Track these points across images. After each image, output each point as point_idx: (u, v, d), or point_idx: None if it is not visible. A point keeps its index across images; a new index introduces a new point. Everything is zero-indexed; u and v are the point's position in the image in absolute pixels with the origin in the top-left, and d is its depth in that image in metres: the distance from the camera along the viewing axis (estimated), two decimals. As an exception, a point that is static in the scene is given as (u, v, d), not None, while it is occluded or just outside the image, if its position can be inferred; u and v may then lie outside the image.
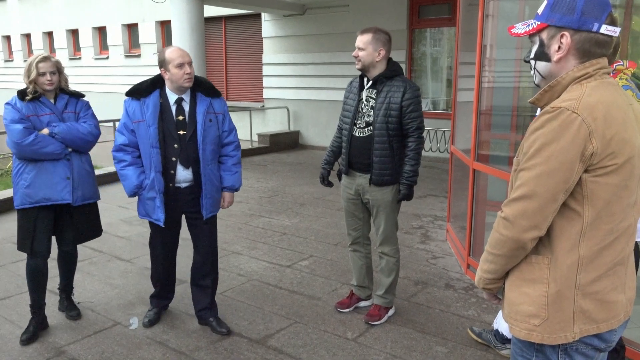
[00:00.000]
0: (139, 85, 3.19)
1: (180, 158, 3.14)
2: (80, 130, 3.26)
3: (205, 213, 3.25)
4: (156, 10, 13.41)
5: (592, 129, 1.39)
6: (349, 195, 3.46)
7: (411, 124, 3.20)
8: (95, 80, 15.65)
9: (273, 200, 6.84)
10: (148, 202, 3.20)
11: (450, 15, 9.36)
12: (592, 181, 1.43)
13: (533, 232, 1.46)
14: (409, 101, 3.17)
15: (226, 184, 3.35)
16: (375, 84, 3.24)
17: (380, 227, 3.42)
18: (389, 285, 3.49)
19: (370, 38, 3.16)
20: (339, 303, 3.66)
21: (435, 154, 9.37)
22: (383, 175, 3.26)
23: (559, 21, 1.49)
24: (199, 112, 3.16)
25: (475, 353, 3.12)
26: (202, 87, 3.22)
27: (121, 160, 3.20)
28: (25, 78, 3.16)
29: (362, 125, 3.27)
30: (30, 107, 3.16)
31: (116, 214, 6.16)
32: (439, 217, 5.99)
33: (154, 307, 3.53)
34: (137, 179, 3.17)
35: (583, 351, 1.54)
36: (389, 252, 3.46)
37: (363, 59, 3.19)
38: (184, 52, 3.12)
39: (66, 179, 3.23)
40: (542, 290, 1.50)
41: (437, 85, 10.11)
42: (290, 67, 11.58)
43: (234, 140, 3.36)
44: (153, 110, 3.11)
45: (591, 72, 1.48)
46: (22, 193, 3.19)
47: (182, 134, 3.14)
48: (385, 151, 3.23)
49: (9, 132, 3.12)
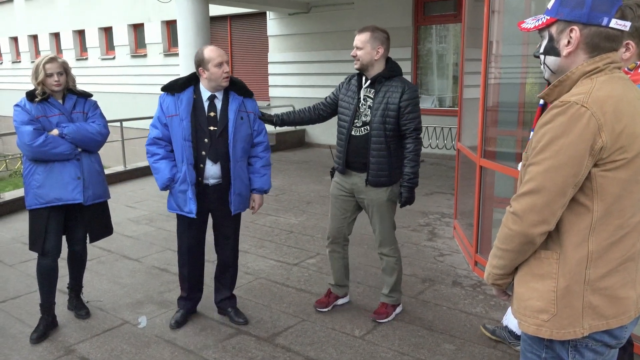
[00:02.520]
0: (174, 81, 3.24)
1: (209, 153, 3.17)
2: (89, 130, 3.27)
3: (233, 209, 3.27)
4: (161, 10, 13.45)
5: (602, 122, 1.38)
6: (340, 193, 3.44)
7: (409, 125, 3.18)
8: (102, 80, 15.72)
9: (279, 199, 6.85)
10: (180, 195, 3.23)
11: (455, 12, 9.33)
12: (602, 176, 1.42)
13: (542, 226, 1.45)
14: (407, 102, 3.15)
15: (255, 186, 3.37)
16: (374, 83, 3.23)
17: (377, 229, 3.40)
18: (393, 284, 3.49)
19: (368, 37, 3.14)
20: (318, 302, 3.64)
21: (442, 151, 9.35)
22: (380, 176, 3.24)
23: (568, 15, 1.48)
24: (230, 110, 3.20)
25: (484, 350, 3.12)
26: (235, 86, 3.26)
27: (154, 154, 3.23)
28: (33, 79, 3.17)
29: (359, 125, 3.26)
30: (39, 108, 3.18)
31: (124, 213, 6.19)
32: (445, 215, 5.98)
33: (180, 309, 3.52)
34: (169, 172, 3.20)
35: (593, 347, 1.53)
36: (388, 252, 3.45)
37: (362, 58, 3.18)
38: (222, 52, 3.17)
39: (77, 178, 3.24)
40: (550, 286, 1.50)
41: (443, 82, 10.08)
42: (295, 66, 11.58)
43: (264, 140, 3.38)
44: (187, 105, 3.15)
45: (601, 66, 1.47)
46: (33, 194, 3.20)
47: (213, 129, 3.18)
48: (382, 152, 3.21)
49: (19, 133, 3.13)
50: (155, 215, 6.03)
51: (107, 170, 7.90)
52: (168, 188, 3.26)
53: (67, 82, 3.26)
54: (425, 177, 8.08)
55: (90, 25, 15.96)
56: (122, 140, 8.35)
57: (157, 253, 4.86)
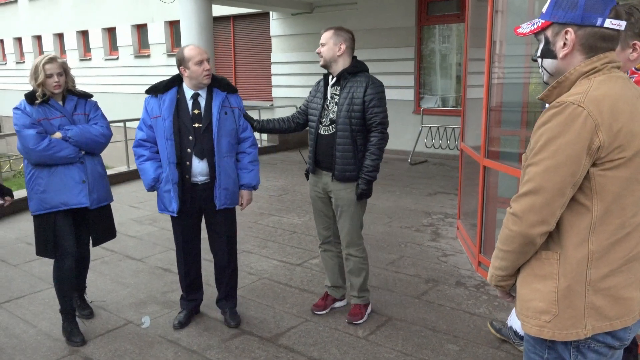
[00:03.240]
0: (157, 83, 3.27)
1: (194, 149, 3.19)
2: (93, 132, 3.23)
3: (218, 203, 3.27)
4: (165, 10, 13.48)
5: (599, 122, 1.38)
6: (317, 194, 3.45)
7: (374, 119, 3.19)
8: (106, 80, 15.76)
9: (283, 199, 6.85)
10: (165, 194, 3.26)
11: (459, 12, 9.31)
12: (601, 175, 1.43)
13: (541, 227, 1.45)
14: (372, 96, 3.16)
15: (243, 182, 3.37)
16: (339, 80, 3.25)
17: (344, 228, 3.38)
18: (361, 284, 3.48)
19: (331, 34, 3.20)
20: (315, 305, 3.63)
21: (445, 151, 9.33)
22: (345, 170, 3.24)
23: (563, 18, 1.49)
24: (214, 105, 3.21)
25: (487, 351, 3.11)
26: (218, 83, 3.28)
27: (140, 155, 3.27)
28: (32, 80, 3.09)
29: (327, 123, 3.27)
30: (40, 111, 3.10)
31: (127, 213, 6.20)
32: (449, 215, 5.97)
33: (183, 309, 3.53)
34: (154, 172, 3.23)
35: (596, 349, 1.52)
36: (355, 252, 3.43)
37: (324, 54, 3.22)
38: (202, 50, 3.18)
39: (82, 182, 3.19)
40: (552, 286, 1.50)
41: (446, 82, 10.07)
42: (298, 66, 11.59)
43: (250, 135, 3.39)
44: (169, 105, 3.18)
45: (599, 66, 1.47)
46: (37, 199, 3.14)
47: (197, 126, 3.19)
48: (347, 146, 3.21)
49: (21, 138, 3.06)
50: (159, 216, 6.04)
51: (111, 171, 7.92)
52: (154, 189, 3.28)
53: (67, 82, 3.19)
54: (428, 177, 8.08)
55: (93, 25, 16.00)
56: (125, 141, 8.37)
57: (160, 253, 4.86)
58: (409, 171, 8.62)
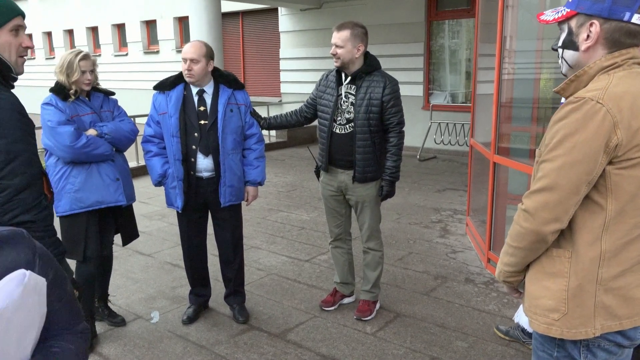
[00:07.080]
0: (164, 80, 3.27)
1: (200, 146, 3.19)
2: (124, 129, 3.17)
3: (223, 200, 3.27)
4: (174, 6, 13.51)
5: (618, 119, 1.35)
6: (330, 192, 3.44)
7: (392, 119, 3.18)
8: (115, 77, 15.83)
9: (291, 195, 6.85)
10: (171, 190, 3.28)
11: (469, 7, 9.24)
12: (617, 173, 1.40)
13: (554, 224, 1.43)
14: (390, 96, 3.15)
15: (249, 178, 3.37)
16: (354, 79, 3.21)
17: (365, 223, 3.39)
18: (375, 279, 3.49)
19: (348, 35, 3.11)
20: (324, 301, 3.63)
21: (455, 147, 9.29)
22: (367, 172, 3.24)
23: (589, 9, 1.44)
24: (220, 103, 3.21)
25: (496, 348, 3.10)
26: (225, 79, 3.28)
27: (148, 151, 3.29)
28: (63, 76, 2.98)
29: (342, 122, 3.24)
30: (71, 107, 3.00)
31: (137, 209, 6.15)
32: (458, 211, 5.95)
33: (191, 305, 3.55)
34: (161, 168, 3.25)
35: (606, 347, 1.51)
36: (374, 246, 3.45)
37: (342, 57, 3.14)
38: (188, 49, 3.15)
39: (116, 180, 3.12)
40: (562, 284, 1.48)
41: (456, 78, 10.01)
42: (307, 62, 11.57)
43: (256, 132, 3.39)
44: (175, 102, 3.19)
45: (619, 62, 1.43)
46: (71, 198, 3.01)
47: (203, 123, 3.20)
48: (367, 148, 3.20)
49: (56, 134, 2.90)
50: (168, 211, 6.06)
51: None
52: (161, 184, 3.30)
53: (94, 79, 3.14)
54: (437, 174, 8.05)
55: (103, 22, 16.07)
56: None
57: (169, 248, 4.89)
58: (418, 167, 8.59)
